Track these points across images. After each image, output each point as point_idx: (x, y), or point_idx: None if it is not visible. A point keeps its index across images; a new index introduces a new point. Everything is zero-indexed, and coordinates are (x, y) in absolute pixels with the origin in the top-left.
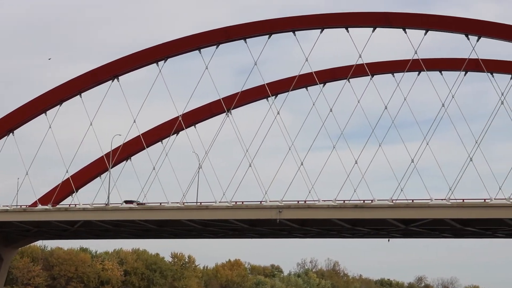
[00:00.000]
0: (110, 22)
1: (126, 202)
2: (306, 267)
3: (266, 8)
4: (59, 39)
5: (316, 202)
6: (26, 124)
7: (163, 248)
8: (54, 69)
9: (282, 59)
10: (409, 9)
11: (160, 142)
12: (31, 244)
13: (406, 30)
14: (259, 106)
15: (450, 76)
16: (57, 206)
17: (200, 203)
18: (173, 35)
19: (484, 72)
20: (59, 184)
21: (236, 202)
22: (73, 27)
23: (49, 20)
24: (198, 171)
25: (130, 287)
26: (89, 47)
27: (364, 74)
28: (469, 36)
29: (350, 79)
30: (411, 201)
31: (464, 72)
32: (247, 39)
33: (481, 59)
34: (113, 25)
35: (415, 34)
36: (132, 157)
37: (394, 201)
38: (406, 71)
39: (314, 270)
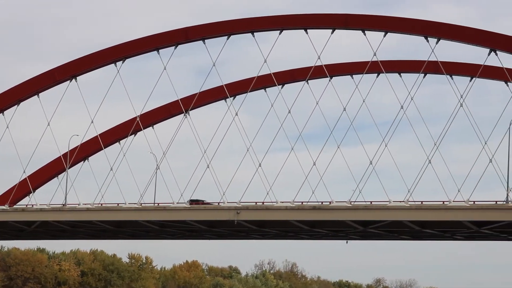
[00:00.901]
0: (69, 22)
1: (191, 201)
2: (264, 269)
3: (225, 9)
4: (19, 39)
5: (274, 203)
6: None
7: (120, 248)
8: (12, 68)
9: (241, 60)
10: (368, 11)
11: (118, 143)
12: None
13: (365, 32)
14: (218, 107)
15: (409, 78)
16: (14, 206)
17: (158, 204)
18: (132, 36)
19: (443, 74)
20: (16, 184)
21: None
22: (32, 27)
23: (10, 19)
24: (156, 172)
25: (87, 287)
26: (48, 47)
27: (323, 75)
28: (429, 38)
29: (308, 81)
30: (369, 203)
31: (423, 74)
32: (206, 40)
33: (440, 61)
34: (71, 26)
35: (374, 36)
36: (89, 158)
37: (352, 203)
38: (365, 73)
39: (272, 271)
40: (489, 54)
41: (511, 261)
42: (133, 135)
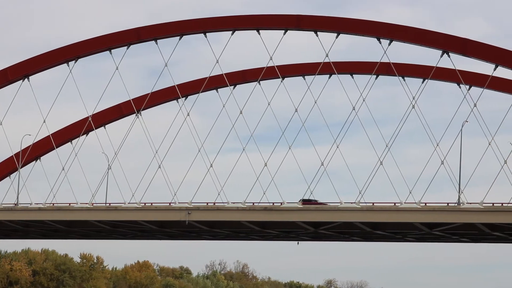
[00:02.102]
0: (21, 21)
1: (304, 201)
2: (214, 269)
3: (178, 9)
4: None
5: (225, 204)
6: None
7: (72, 248)
8: None
9: (193, 61)
10: (320, 12)
11: (70, 143)
12: None
13: (318, 33)
14: (169, 107)
15: (361, 79)
16: None
17: (109, 204)
18: (84, 36)
19: (396, 76)
20: None
21: (145, 203)
22: None
23: None
24: (108, 172)
25: (39, 287)
26: (1, 46)
27: (275, 76)
28: (381, 40)
29: (260, 81)
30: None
31: (375, 76)
32: (158, 40)
33: (392, 63)
34: (24, 25)
35: (327, 37)
36: (41, 157)
37: (304, 204)
38: (317, 74)
39: (223, 272)
40: (441, 55)
41: (463, 263)
42: (85, 135)
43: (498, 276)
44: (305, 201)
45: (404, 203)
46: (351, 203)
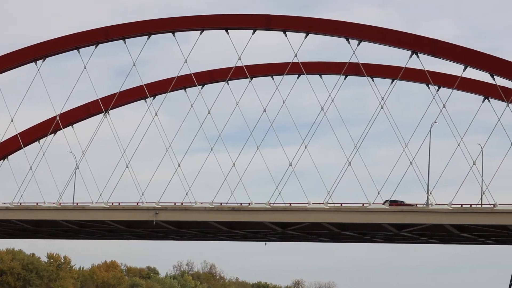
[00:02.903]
0: None
1: (392, 202)
2: (182, 270)
3: (147, 8)
4: None
5: (193, 204)
6: None
7: (39, 248)
8: None
9: (161, 60)
10: (290, 12)
11: (37, 142)
12: None
13: (287, 33)
14: (137, 107)
15: (330, 79)
16: None
17: (77, 203)
18: (53, 35)
19: (364, 76)
20: None
21: (112, 203)
22: None
23: None
24: (75, 172)
25: (6, 287)
26: None
27: (243, 76)
28: (350, 40)
29: (229, 81)
30: (288, 204)
31: (344, 76)
32: (126, 40)
33: (361, 63)
34: None
35: (296, 37)
36: (9, 157)
37: (271, 205)
38: (286, 74)
39: (190, 272)
40: (410, 56)
41: (431, 264)
42: (53, 134)
43: (467, 277)
44: (392, 202)
45: (373, 204)
46: (319, 203)
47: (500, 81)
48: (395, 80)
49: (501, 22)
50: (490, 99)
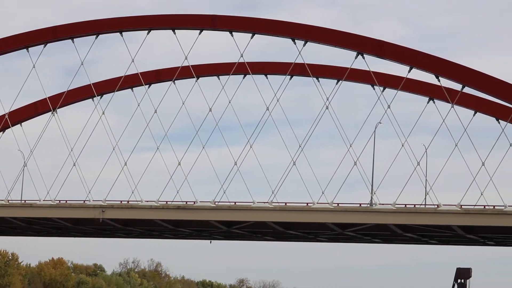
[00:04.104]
0: None
1: None
2: (128, 267)
3: (95, 8)
4: None
5: (139, 202)
6: None
7: None
8: None
9: (109, 60)
10: (236, 13)
11: None
12: None
13: (233, 33)
14: (85, 106)
15: (276, 80)
16: None
17: (25, 201)
18: (1, 34)
19: (310, 76)
20: None
21: (60, 201)
22: None
23: None
24: (23, 169)
25: None
26: None
27: (190, 76)
28: (296, 41)
29: (175, 81)
30: (233, 203)
31: (289, 76)
32: (74, 39)
33: (307, 64)
34: None
35: (242, 37)
36: None
37: (216, 203)
38: (232, 74)
39: (136, 270)
40: (356, 57)
41: (375, 264)
42: (1, 132)
43: (410, 276)
44: None
45: (317, 203)
46: (264, 202)
47: (445, 82)
48: (340, 81)
49: (446, 24)
50: (435, 100)
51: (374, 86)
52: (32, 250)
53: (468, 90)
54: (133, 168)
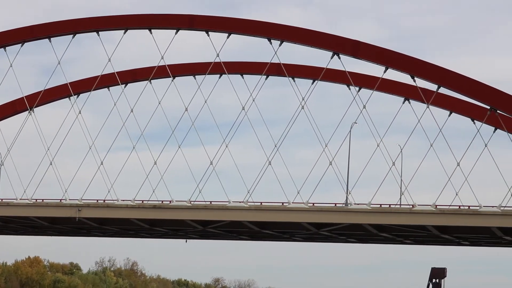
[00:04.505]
0: None
1: None
2: (104, 266)
3: (72, 7)
4: None
5: (115, 201)
6: None
7: None
8: None
9: (86, 59)
10: (213, 13)
11: None
12: None
13: (209, 33)
14: (62, 105)
15: (252, 79)
16: None
17: (1, 200)
18: None
19: (286, 76)
20: None
21: (36, 199)
22: None
23: None
24: (0, 168)
25: None
26: None
27: (166, 75)
28: (272, 41)
29: (151, 80)
30: (209, 203)
31: (265, 76)
32: (51, 38)
33: (282, 64)
34: None
35: (218, 37)
36: None
37: (192, 203)
38: (208, 74)
39: (112, 269)
40: (332, 57)
41: (350, 263)
42: None
43: (386, 276)
44: None
45: (292, 203)
46: (240, 202)
47: (421, 83)
48: (316, 81)
49: (422, 24)
50: (410, 100)
51: (350, 86)
52: (9, 249)
53: (443, 90)
54: (109, 167)
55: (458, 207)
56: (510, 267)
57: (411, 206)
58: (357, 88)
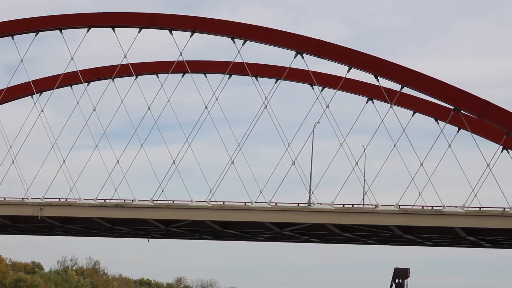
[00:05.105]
0: None
1: None
2: (66, 265)
3: (35, 5)
4: None
5: (77, 200)
6: None
7: None
8: None
9: (49, 57)
10: (177, 11)
11: None
12: None
13: (172, 31)
14: (24, 103)
15: (215, 78)
16: None
17: None
18: None
19: (249, 75)
20: None
21: None
22: None
23: None
24: None
25: None
26: None
27: (129, 74)
28: (235, 40)
29: (114, 79)
30: (171, 202)
31: (228, 75)
32: (14, 36)
33: (246, 63)
34: None
35: (182, 36)
36: None
37: (155, 202)
38: (171, 73)
39: (74, 268)
40: (295, 56)
41: (313, 263)
42: None
43: (348, 276)
44: None
45: (255, 202)
46: (202, 201)
47: (384, 83)
48: (279, 80)
49: (386, 24)
50: (373, 100)
51: (313, 86)
52: None
53: (407, 90)
54: (71, 166)
55: (421, 207)
56: (473, 268)
57: (374, 206)
58: (320, 88)
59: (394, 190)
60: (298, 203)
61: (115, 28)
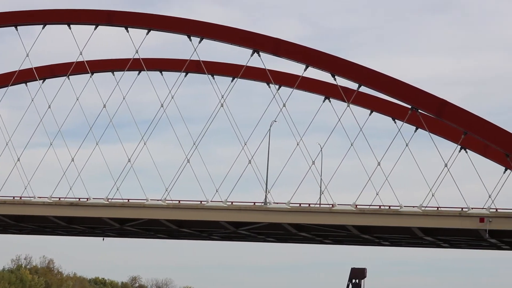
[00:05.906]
0: None
1: None
2: (20, 263)
3: None
4: None
5: (31, 198)
6: None
7: None
8: None
9: (4, 54)
10: (133, 9)
11: None
12: None
13: (129, 29)
14: None
15: (171, 76)
16: None
17: None
18: None
19: (205, 74)
20: None
21: None
22: None
23: None
24: None
25: None
26: None
27: (84, 71)
28: (191, 37)
29: (70, 76)
30: (126, 200)
31: (184, 73)
32: None
33: (202, 61)
34: None
35: (138, 34)
36: None
37: (110, 200)
38: (126, 70)
39: (28, 266)
40: (252, 55)
41: (269, 262)
42: None
43: (305, 276)
44: None
45: (211, 201)
46: (157, 200)
47: (341, 81)
48: (236, 78)
49: (343, 23)
50: (330, 99)
51: (270, 84)
52: None
53: (364, 89)
54: (26, 164)
55: (378, 207)
56: (431, 268)
57: (330, 206)
58: (277, 86)
59: (351, 189)
60: (254, 202)
61: (71, 25)
